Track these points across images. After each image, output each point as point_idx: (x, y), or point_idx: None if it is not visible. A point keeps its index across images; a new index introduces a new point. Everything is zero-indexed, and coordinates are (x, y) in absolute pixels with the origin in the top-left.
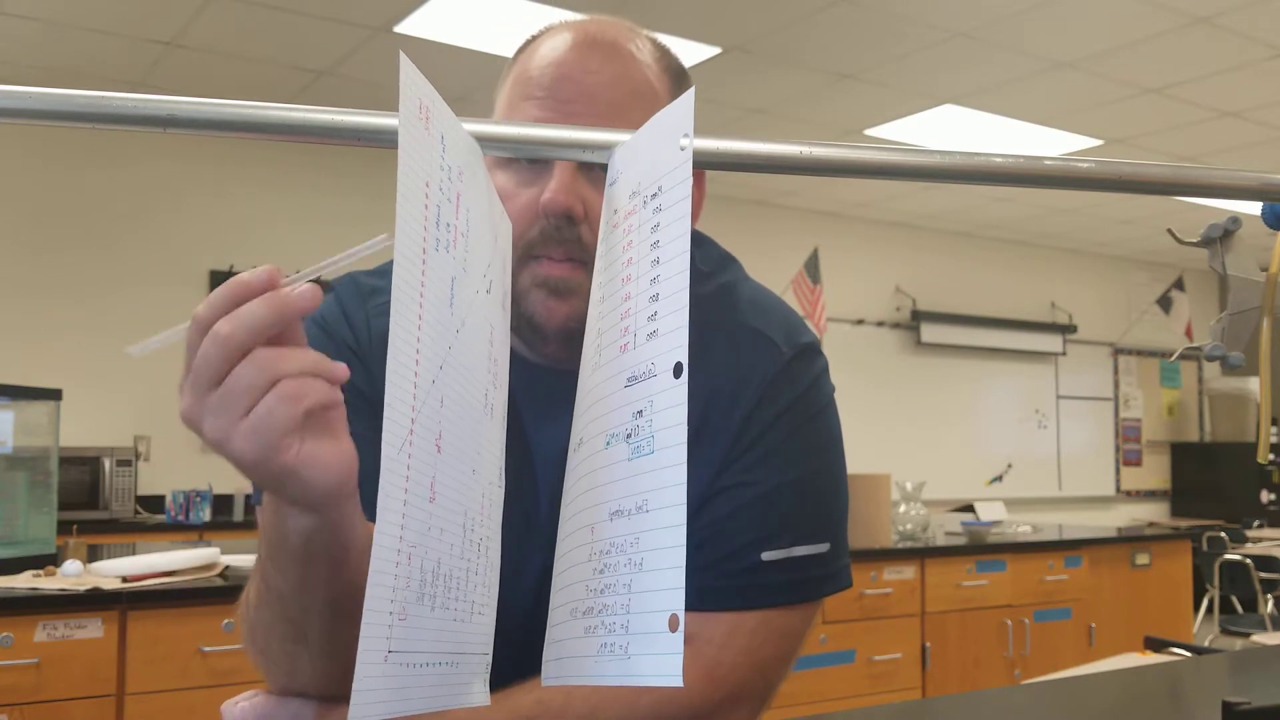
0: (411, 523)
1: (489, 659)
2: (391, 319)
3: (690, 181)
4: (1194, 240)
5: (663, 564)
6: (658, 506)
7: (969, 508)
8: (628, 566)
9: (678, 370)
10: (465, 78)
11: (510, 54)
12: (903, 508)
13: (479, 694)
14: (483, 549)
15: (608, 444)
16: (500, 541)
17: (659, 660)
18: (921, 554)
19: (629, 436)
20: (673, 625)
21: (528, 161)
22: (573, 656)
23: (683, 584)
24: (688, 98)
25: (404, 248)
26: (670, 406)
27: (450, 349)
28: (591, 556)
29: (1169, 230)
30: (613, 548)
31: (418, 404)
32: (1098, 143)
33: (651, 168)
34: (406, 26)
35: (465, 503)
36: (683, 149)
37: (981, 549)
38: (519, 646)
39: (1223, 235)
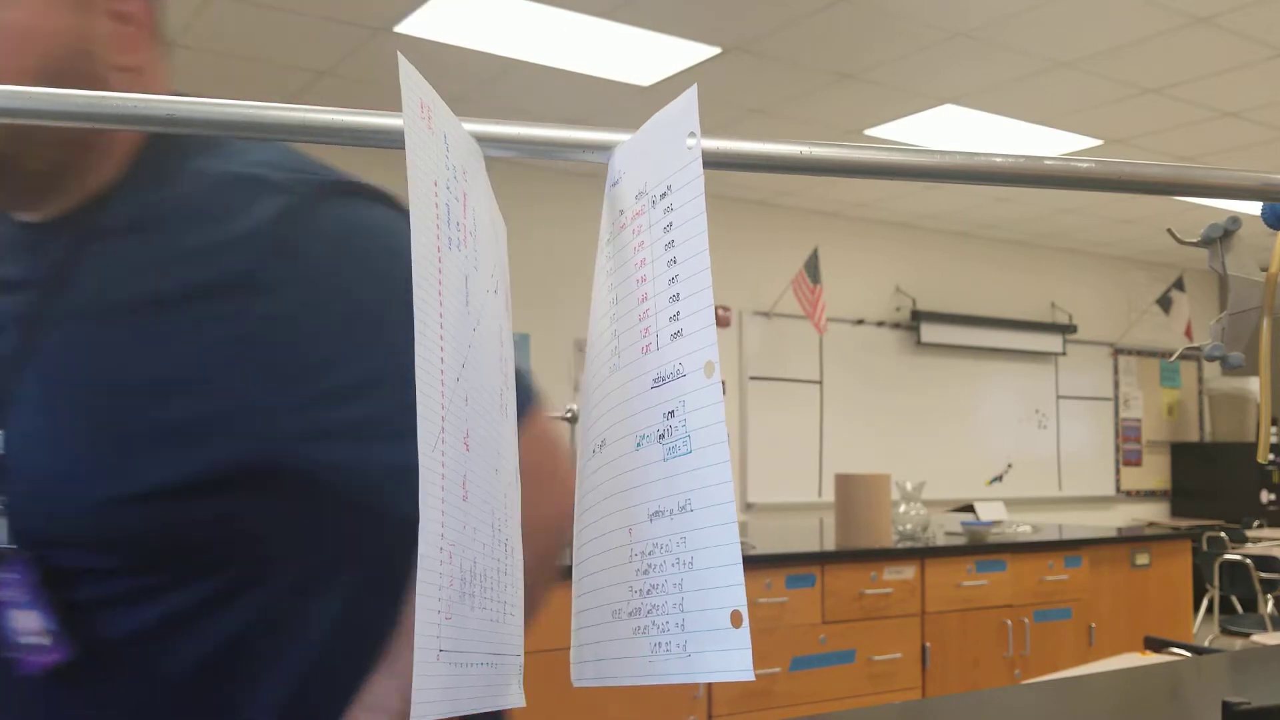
0: (451, 520)
1: (522, 660)
2: (416, 316)
3: (702, 180)
4: (1194, 240)
5: (716, 561)
6: (703, 505)
7: (969, 508)
8: (675, 566)
9: (709, 369)
10: (465, 78)
11: (510, 54)
12: (903, 508)
13: (515, 695)
14: (509, 548)
15: (638, 445)
16: (521, 541)
17: (727, 656)
18: (921, 554)
19: (662, 437)
20: (736, 620)
21: None
22: (620, 657)
23: (742, 580)
24: (689, 96)
25: (421, 246)
26: (705, 406)
27: (470, 347)
28: (633, 558)
29: (1169, 230)
30: (656, 548)
31: (446, 401)
32: (1098, 143)
33: (657, 167)
34: (406, 26)
35: (492, 502)
36: (690, 147)
37: (981, 549)
38: None
39: (1223, 235)
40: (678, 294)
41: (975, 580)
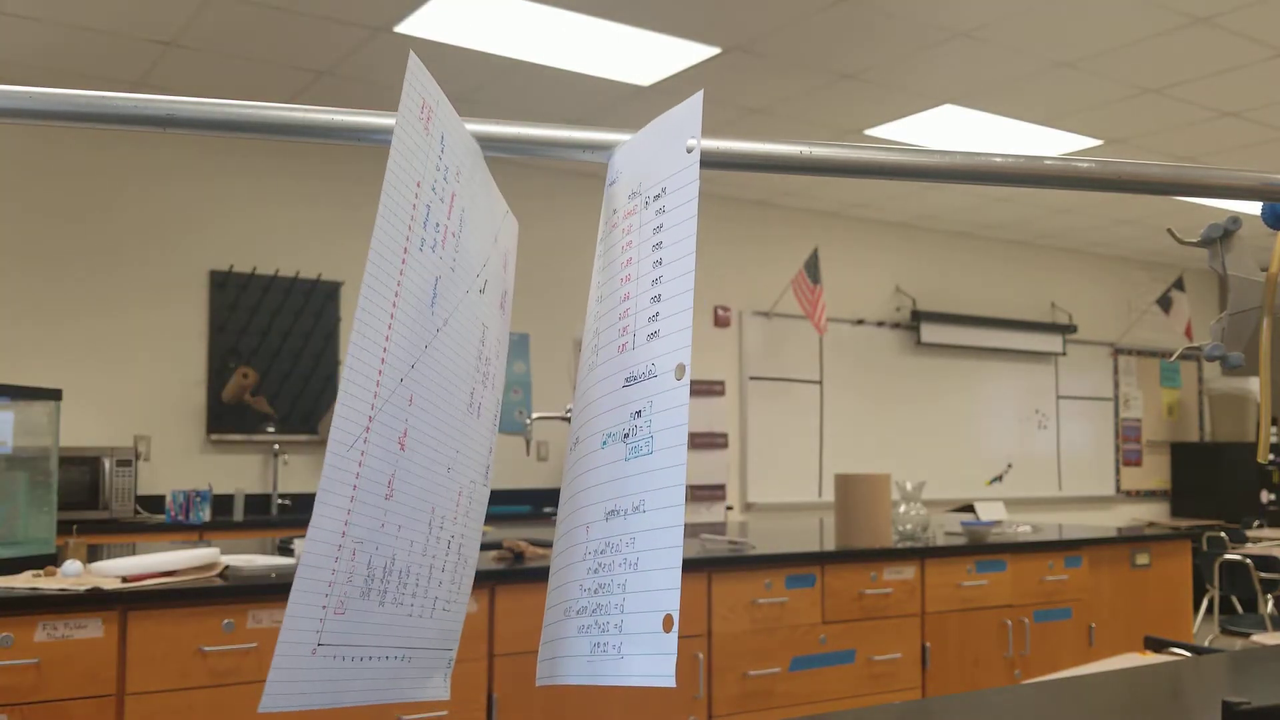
0: (360, 519)
1: (453, 654)
2: (358, 318)
3: (697, 184)
4: (1194, 240)
5: (658, 564)
6: (654, 507)
7: (969, 508)
8: (624, 566)
9: (680, 372)
10: (465, 78)
11: (510, 54)
12: (903, 508)
13: (437, 688)
14: (454, 546)
15: (604, 444)
16: (480, 539)
17: (652, 660)
18: (921, 554)
19: (626, 436)
20: (667, 625)
21: None
22: (566, 656)
23: (679, 585)
24: (695, 101)
25: (381, 248)
26: (671, 408)
27: (427, 348)
28: (587, 556)
29: (1169, 230)
30: (608, 547)
31: (379, 402)
32: (1098, 143)
33: (654, 169)
34: (406, 26)
35: (433, 500)
36: (689, 151)
37: (981, 549)
38: None
39: (1223, 235)
40: (659, 295)
41: (975, 580)
